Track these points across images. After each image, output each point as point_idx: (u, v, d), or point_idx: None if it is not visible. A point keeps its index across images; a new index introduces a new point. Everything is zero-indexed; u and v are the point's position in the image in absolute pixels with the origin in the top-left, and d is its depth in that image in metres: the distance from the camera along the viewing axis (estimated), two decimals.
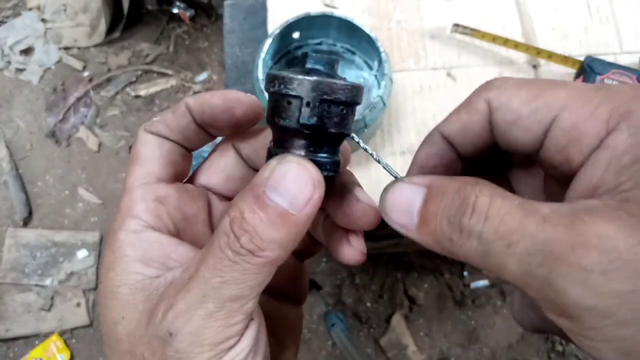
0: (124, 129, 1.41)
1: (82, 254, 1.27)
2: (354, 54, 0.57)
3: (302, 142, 0.19)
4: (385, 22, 0.60)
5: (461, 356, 1.15)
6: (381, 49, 0.50)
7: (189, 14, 1.46)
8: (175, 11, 1.46)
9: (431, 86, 0.58)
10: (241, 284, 0.16)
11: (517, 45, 0.56)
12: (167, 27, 1.50)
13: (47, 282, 1.24)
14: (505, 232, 0.15)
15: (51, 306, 1.22)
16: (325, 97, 0.18)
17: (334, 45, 0.57)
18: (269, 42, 0.50)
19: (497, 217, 0.15)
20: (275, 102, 0.19)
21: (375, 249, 1.01)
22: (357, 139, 0.21)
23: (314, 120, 0.18)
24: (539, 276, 0.14)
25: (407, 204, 0.17)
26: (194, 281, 0.17)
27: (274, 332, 0.22)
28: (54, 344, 1.18)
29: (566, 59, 0.55)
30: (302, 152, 0.19)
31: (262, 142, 0.23)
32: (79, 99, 1.42)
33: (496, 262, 0.15)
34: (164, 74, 1.45)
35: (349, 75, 0.56)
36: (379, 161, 0.21)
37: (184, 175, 0.23)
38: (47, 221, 1.31)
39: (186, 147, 0.23)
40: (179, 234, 0.21)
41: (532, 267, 0.14)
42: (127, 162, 0.22)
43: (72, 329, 1.22)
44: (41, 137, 1.39)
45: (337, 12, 0.52)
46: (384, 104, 0.49)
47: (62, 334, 1.21)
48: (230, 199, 0.24)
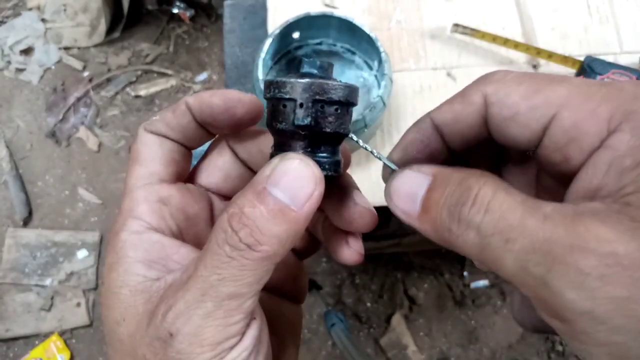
0: (124, 129, 1.41)
1: (82, 254, 1.27)
2: (354, 54, 0.57)
3: (300, 143, 0.19)
4: (385, 22, 0.60)
5: (461, 356, 1.15)
6: (381, 49, 0.50)
7: (189, 14, 1.47)
8: (175, 11, 1.47)
9: (431, 86, 0.58)
10: (239, 281, 0.16)
11: (517, 45, 0.56)
12: (167, 27, 1.50)
13: (47, 282, 1.24)
14: (504, 227, 0.14)
15: (51, 306, 1.22)
16: (317, 97, 0.18)
17: (334, 45, 0.57)
18: (269, 42, 0.50)
19: (498, 211, 0.15)
20: (272, 107, 0.19)
21: (375, 249, 1.01)
22: (355, 138, 0.21)
23: (307, 120, 0.18)
24: (536, 275, 0.14)
25: (411, 190, 0.17)
26: (192, 280, 0.17)
27: (274, 331, 0.22)
28: (54, 344, 1.18)
29: (566, 59, 0.55)
30: (301, 153, 0.19)
31: (258, 145, 0.23)
32: (79, 99, 1.42)
33: (493, 256, 0.15)
34: (164, 74, 1.45)
35: (348, 75, 0.56)
36: (380, 158, 0.21)
37: (184, 174, 0.23)
38: (47, 221, 1.31)
39: (186, 146, 0.22)
40: (181, 234, 0.21)
41: (529, 265, 0.14)
42: (128, 161, 0.22)
43: (72, 329, 1.22)
44: (41, 137, 1.39)
45: (337, 12, 0.52)
46: (384, 104, 0.49)
47: (62, 334, 1.21)
48: (229, 198, 0.24)
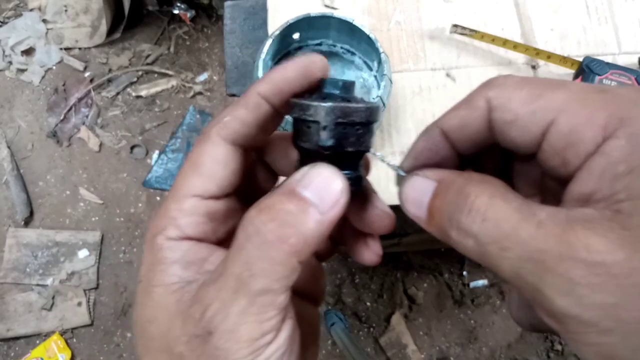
0: (125, 129, 1.41)
1: (83, 253, 1.27)
2: (353, 54, 0.57)
3: (323, 161, 0.20)
4: (384, 23, 0.61)
5: (460, 355, 1.16)
6: (381, 50, 0.50)
7: (189, 14, 1.47)
8: (175, 12, 1.47)
9: (430, 87, 0.58)
10: (269, 277, 0.17)
11: (516, 45, 0.56)
12: (168, 28, 1.50)
13: (48, 281, 1.25)
14: (499, 235, 0.15)
15: (52, 306, 1.23)
16: (340, 120, 0.19)
17: (334, 45, 0.57)
18: (269, 42, 0.50)
19: (493, 219, 0.15)
20: (297, 127, 0.20)
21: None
22: (377, 154, 0.22)
23: (331, 142, 0.19)
24: (529, 282, 0.15)
25: (418, 196, 0.18)
26: (224, 278, 0.17)
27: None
28: (55, 343, 1.19)
29: (565, 60, 0.55)
30: None
31: (283, 149, 0.23)
32: (80, 99, 1.43)
33: (491, 262, 0.16)
34: (164, 75, 1.45)
35: (348, 75, 0.56)
36: (394, 168, 0.22)
37: (242, 177, 0.22)
38: (48, 221, 1.31)
39: (254, 149, 0.22)
40: (219, 242, 0.21)
41: (522, 272, 0.15)
42: (188, 157, 0.20)
43: (73, 329, 1.22)
44: (42, 137, 1.39)
45: (337, 13, 0.52)
46: (384, 104, 0.49)
47: (63, 333, 1.21)
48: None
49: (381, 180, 0.47)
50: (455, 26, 0.58)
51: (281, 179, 0.24)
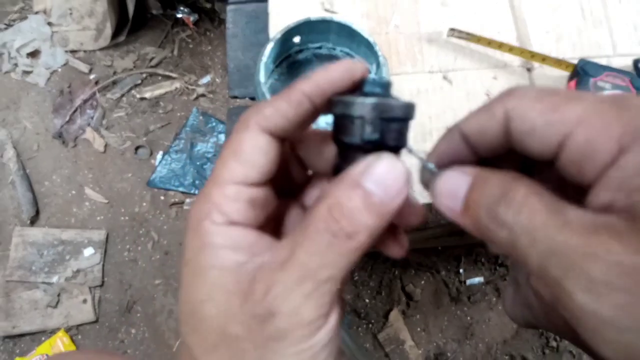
0: (130, 130, 1.43)
1: (88, 251, 1.28)
2: (353, 57, 0.58)
3: (365, 155, 0.20)
4: (383, 27, 0.61)
5: (457, 351, 1.16)
6: (379, 53, 0.51)
7: (192, 18, 1.48)
8: (179, 16, 1.48)
9: (428, 89, 0.59)
10: (335, 267, 0.18)
11: (511, 48, 0.57)
12: (172, 32, 1.52)
13: (54, 279, 1.26)
14: (531, 228, 0.16)
15: (58, 303, 1.24)
16: (384, 115, 0.20)
17: (334, 49, 0.58)
18: (270, 46, 0.51)
19: (527, 213, 0.16)
20: (339, 123, 0.21)
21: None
22: (413, 149, 0.22)
23: (376, 136, 0.20)
24: (554, 276, 0.15)
25: (454, 189, 0.19)
26: (290, 264, 0.18)
27: None
28: (60, 340, 1.20)
29: (560, 62, 0.56)
30: None
31: (314, 145, 0.24)
32: (85, 101, 1.44)
33: (520, 254, 0.16)
34: (168, 77, 1.47)
35: None
36: (425, 164, 0.23)
37: (274, 172, 0.23)
38: (54, 220, 1.33)
39: (288, 141, 0.23)
40: (259, 228, 0.22)
41: (549, 265, 0.16)
42: (225, 145, 0.21)
43: (78, 326, 1.23)
44: (48, 138, 1.41)
45: (337, 17, 0.53)
46: None
47: (68, 330, 1.22)
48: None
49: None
50: (452, 30, 0.58)
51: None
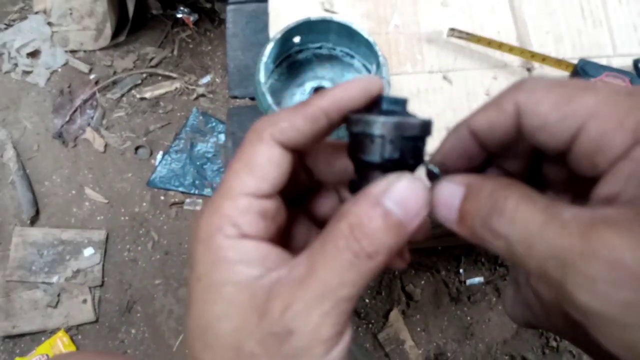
0: (130, 131, 1.43)
1: (88, 251, 1.29)
2: (352, 57, 0.58)
3: (383, 173, 0.20)
4: (383, 27, 0.62)
5: (457, 351, 1.16)
6: (379, 53, 0.51)
7: (192, 18, 1.48)
8: (179, 16, 1.48)
9: (428, 89, 0.59)
10: (355, 286, 0.18)
11: (511, 48, 0.57)
12: (172, 32, 1.52)
13: (54, 279, 1.26)
14: (527, 235, 0.16)
15: (58, 303, 1.24)
16: (404, 134, 0.20)
17: (334, 49, 0.58)
18: (270, 46, 0.51)
19: (521, 221, 0.16)
20: (358, 141, 0.21)
21: None
22: (430, 166, 0.22)
23: (396, 155, 0.20)
24: (554, 278, 0.15)
25: (449, 200, 0.19)
26: (311, 281, 0.18)
27: None
28: (60, 340, 1.20)
29: (560, 62, 0.56)
30: None
31: (325, 157, 0.24)
32: (85, 101, 1.45)
33: (519, 260, 0.16)
34: (168, 77, 1.47)
35: (348, 78, 0.58)
36: (431, 169, 0.22)
37: (285, 183, 0.23)
38: (54, 220, 1.33)
39: (303, 153, 0.23)
40: (271, 240, 0.22)
41: (548, 269, 0.15)
42: (236, 154, 0.20)
43: (78, 326, 1.23)
44: (48, 138, 1.41)
45: (337, 17, 0.53)
46: None
47: (68, 330, 1.22)
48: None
49: None
50: (452, 30, 0.59)
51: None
